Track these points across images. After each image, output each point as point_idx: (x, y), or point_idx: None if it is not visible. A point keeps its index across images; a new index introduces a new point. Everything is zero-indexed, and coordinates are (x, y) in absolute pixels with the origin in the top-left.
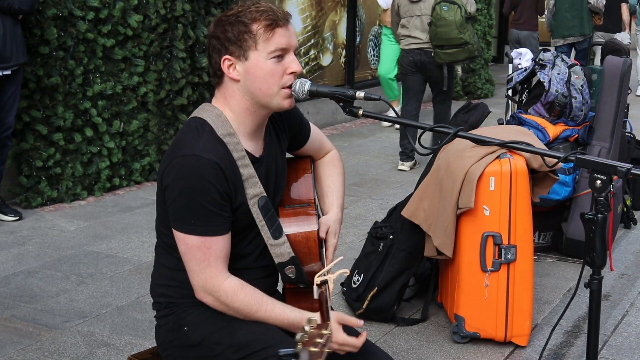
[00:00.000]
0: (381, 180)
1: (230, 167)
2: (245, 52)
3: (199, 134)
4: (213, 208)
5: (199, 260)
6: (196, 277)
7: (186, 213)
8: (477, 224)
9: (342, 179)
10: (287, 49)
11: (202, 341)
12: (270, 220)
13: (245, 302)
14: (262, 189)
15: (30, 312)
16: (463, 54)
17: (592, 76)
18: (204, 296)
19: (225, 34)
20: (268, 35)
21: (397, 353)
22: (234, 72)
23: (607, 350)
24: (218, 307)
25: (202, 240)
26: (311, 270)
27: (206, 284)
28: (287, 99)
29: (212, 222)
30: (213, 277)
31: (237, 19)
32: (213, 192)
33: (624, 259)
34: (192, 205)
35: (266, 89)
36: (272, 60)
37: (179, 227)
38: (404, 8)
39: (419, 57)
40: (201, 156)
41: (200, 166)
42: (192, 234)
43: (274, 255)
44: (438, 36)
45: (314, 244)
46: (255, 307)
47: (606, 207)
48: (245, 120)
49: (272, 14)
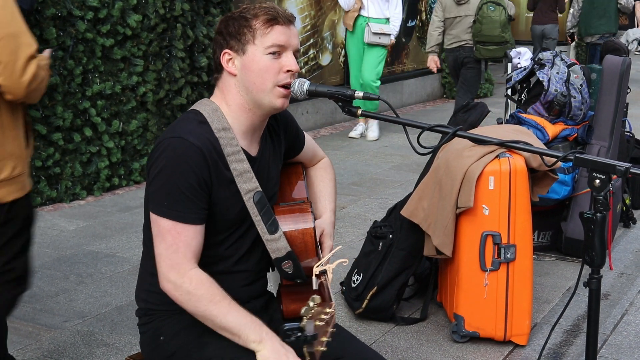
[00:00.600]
0: (380, 180)
1: (213, 158)
2: (244, 46)
3: (190, 122)
4: (188, 193)
5: (167, 244)
6: (162, 263)
7: (162, 194)
8: (477, 223)
9: (334, 184)
10: (285, 46)
11: (176, 351)
12: (266, 215)
13: (211, 291)
14: (257, 184)
15: (30, 312)
16: (501, 51)
17: (592, 75)
18: (167, 285)
19: (228, 28)
20: (266, 30)
21: (397, 352)
22: (232, 67)
23: (607, 349)
24: (179, 297)
25: (173, 225)
26: (308, 266)
27: (170, 270)
28: (281, 98)
29: (185, 207)
30: (180, 264)
31: (240, 15)
32: (191, 177)
33: (623, 258)
34: (169, 186)
35: (260, 84)
36: (268, 55)
37: (153, 208)
38: (449, 9)
39: (458, 54)
40: (185, 139)
41: (183, 148)
42: (164, 217)
43: (270, 250)
44: (482, 33)
45: (311, 239)
46: (219, 297)
47: (605, 206)
48: (240, 116)
49: (274, 11)
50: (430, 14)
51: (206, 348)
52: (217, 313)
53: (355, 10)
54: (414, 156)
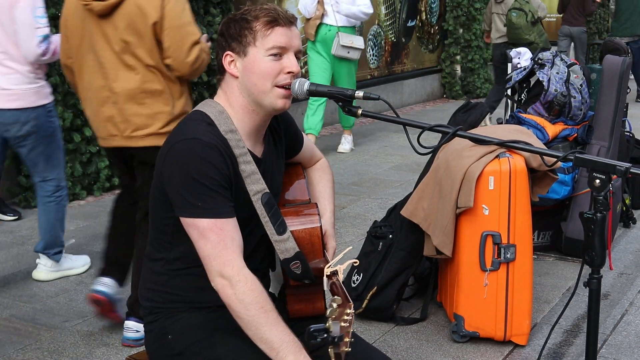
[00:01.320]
0: (380, 180)
1: (229, 157)
2: (245, 48)
3: (199, 124)
4: (217, 189)
5: (214, 243)
6: (212, 262)
7: (191, 197)
8: (477, 223)
9: (332, 185)
10: (286, 48)
11: (184, 350)
12: (275, 216)
13: (263, 297)
14: (264, 185)
15: (30, 312)
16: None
17: (591, 75)
18: (219, 281)
19: (229, 30)
20: (267, 32)
21: (397, 352)
22: (233, 69)
23: (607, 349)
24: (231, 295)
25: (213, 222)
26: (316, 267)
27: (224, 267)
28: (281, 99)
29: (219, 203)
30: (232, 260)
31: (241, 17)
32: (215, 173)
33: (623, 258)
34: (196, 187)
35: (261, 85)
36: (269, 57)
37: (186, 212)
38: (492, 5)
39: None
40: (201, 139)
41: (201, 147)
42: (201, 217)
43: (278, 251)
44: (510, 36)
45: (318, 239)
46: (269, 306)
47: (605, 206)
48: (244, 118)
49: (274, 12)
50: (430, 14)
51: (216, 347)
52: (264, 322)
53: (317, 17)
54: (414, 156)
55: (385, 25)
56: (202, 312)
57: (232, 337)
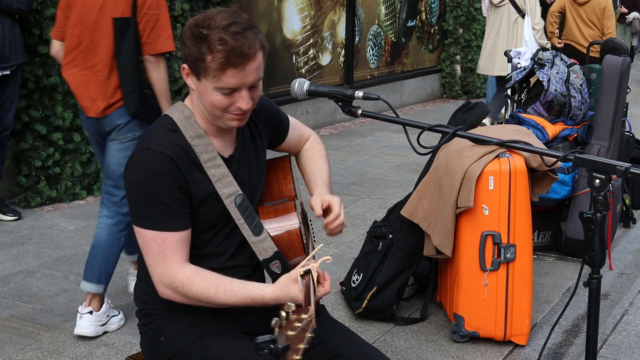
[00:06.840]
0: (380, 180)
1: (186, 164)
2: (198, 75)
3: (160, 131)
4: (167, 201)
5: (155, 253)
6: (154, 271)
7: (141, 207)
8: (477, 223)
9: (325, 160)
10: (238, 88)
11: (177, 352)
12: (250, 218)
13: (202, 286)
14: (237, 188)
15: (30, 312)
16: None
17: (591, 75)
18: (164, 290)
19: (186, 47)
20: (217, 73)
21: (397, 352)
22: (190, 81)
23: (607, 349)
24: (179, 299)
25: (157, 234)
26: (297, 264)
27: (163, 277)
28: (234, 121)
29: (167, 216)
30: (168, 269)
31: (200, 37)
32: (168, 185)
33: (623, 258)
34: (147, 199)
35: (212, 111)
36: (219, 92)
37: (135, 220)
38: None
39: None
40: (154, 149)
41: (153, 159)
42: (147, 228)
43: (257, 252)
44: None
45: (297, 237)
46: (213, 289)
47: (605, 206)
48: (210, 122)
49: (230, 51)
50: (430, 14)
51: (208, 349)
52: (223, 295)
53: None
54: (414, 156)
55: (385, 25)
56: (194, 314)
57: (223, 338)
